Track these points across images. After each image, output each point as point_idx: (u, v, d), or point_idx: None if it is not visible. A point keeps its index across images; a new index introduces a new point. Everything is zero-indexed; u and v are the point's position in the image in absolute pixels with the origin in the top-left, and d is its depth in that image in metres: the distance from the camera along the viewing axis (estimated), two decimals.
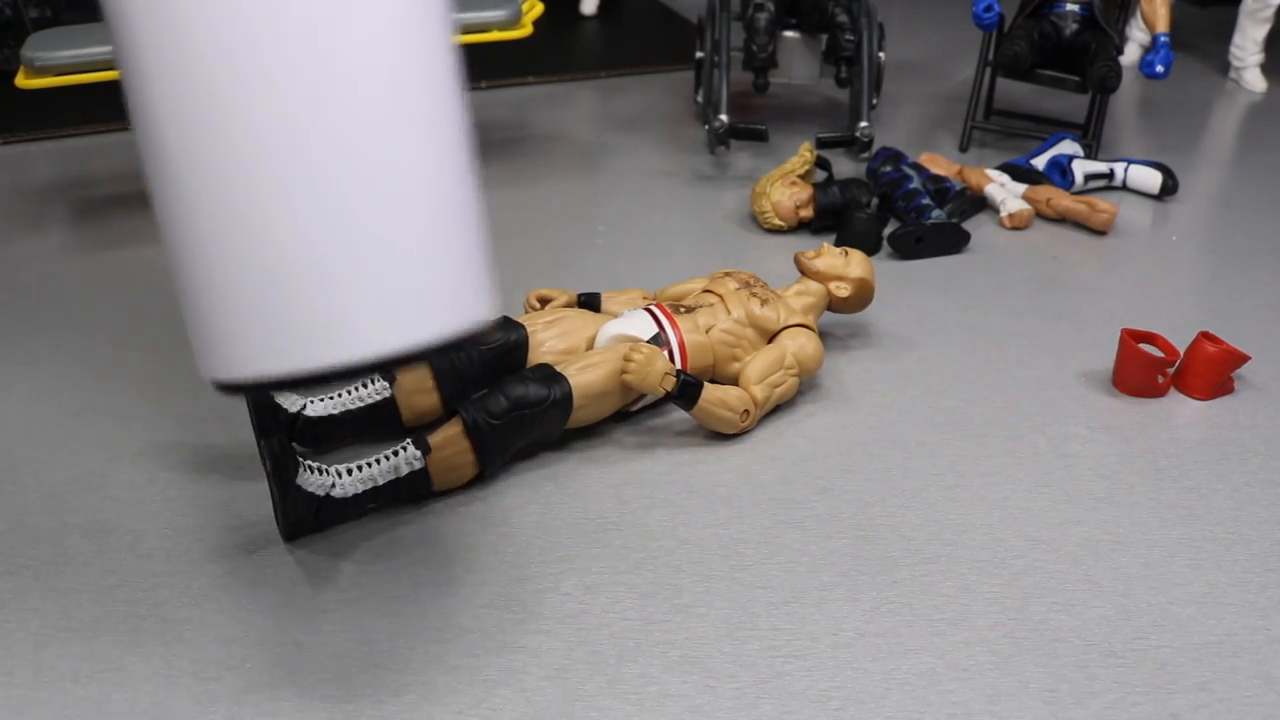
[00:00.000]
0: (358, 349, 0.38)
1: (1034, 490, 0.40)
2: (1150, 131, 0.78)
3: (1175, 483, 0.41)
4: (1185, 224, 0.63)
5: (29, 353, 0.46)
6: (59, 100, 0.54)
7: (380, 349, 0.38)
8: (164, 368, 0.46)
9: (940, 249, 0.57)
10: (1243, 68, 0.87)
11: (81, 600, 0.34)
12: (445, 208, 0.39)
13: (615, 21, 0.94)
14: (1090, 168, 0.65)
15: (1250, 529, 0.39)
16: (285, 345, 0.38)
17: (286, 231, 0.37)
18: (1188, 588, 0.36)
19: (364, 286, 0.38)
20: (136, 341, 0.46)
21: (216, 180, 0.37)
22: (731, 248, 0.58)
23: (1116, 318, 0.52)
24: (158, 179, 0.37)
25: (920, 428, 0.43)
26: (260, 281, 0.37)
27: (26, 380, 0.44)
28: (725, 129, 0.64)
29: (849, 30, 0.66)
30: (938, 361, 0.48)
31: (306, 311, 0.37)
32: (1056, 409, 0.45)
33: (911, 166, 0.62)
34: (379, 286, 0.38)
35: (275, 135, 0.35)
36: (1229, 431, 0.44)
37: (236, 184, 0.37)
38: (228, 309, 0.38)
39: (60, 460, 0.40)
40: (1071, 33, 0.68)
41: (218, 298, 0.38)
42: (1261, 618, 0.35)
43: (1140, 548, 0.37)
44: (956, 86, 0.82)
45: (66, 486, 0.38)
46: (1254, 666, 0.33)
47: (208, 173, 0.37)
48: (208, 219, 0.37)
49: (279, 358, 0.38)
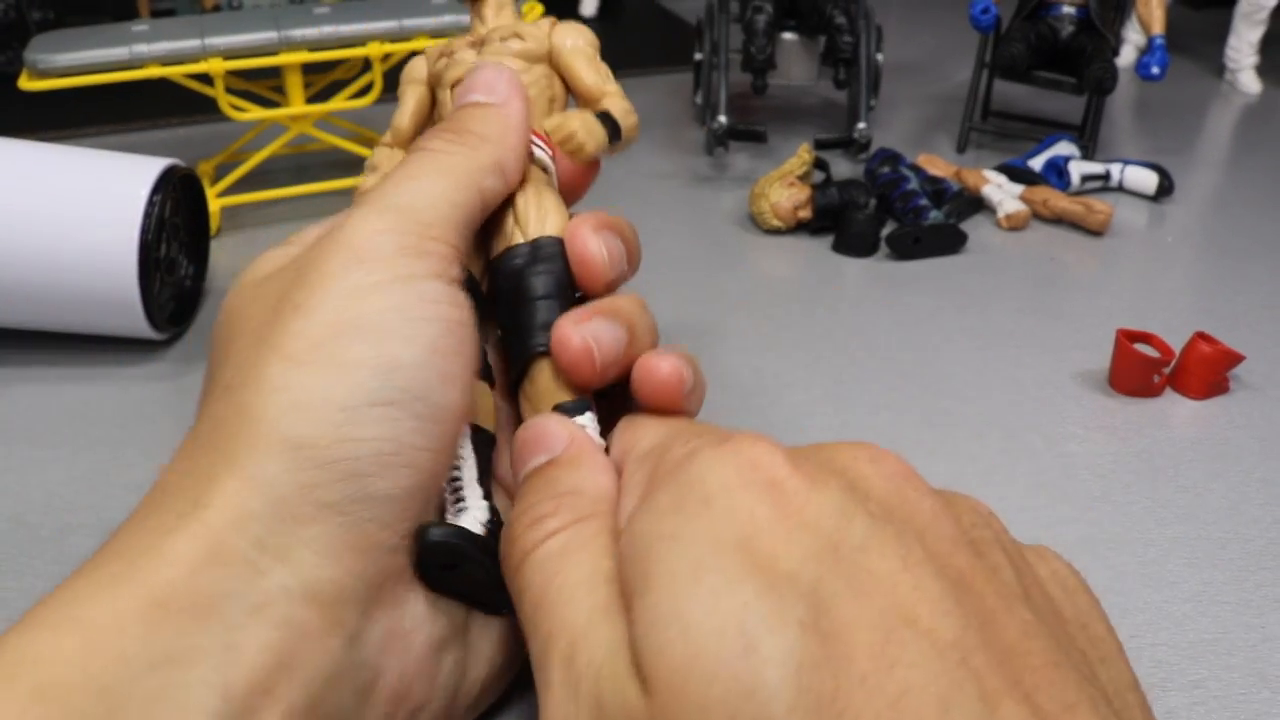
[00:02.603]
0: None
1: (1030, 489, 0.40)
2: (1146, 133, 0.78)
3: (1171, 481, 0.41)
4: (1181, 225, 0.64)
5: (28, 352, 0.46)
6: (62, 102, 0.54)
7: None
8: (164, 367, 0.46)
9: (938, 249, 0.58)
10: (1238, 70, 0.87)
11: None
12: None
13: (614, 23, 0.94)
14: (1087, 169, 0.65)
15: (1245, 527, 0.39)
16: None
17: None
18: (1183, 586, 0.36)
19: None
20: (136, 341, 0.47)
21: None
22: (730, 248, 0.59)
23: (1113, 318, 0.52)
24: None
25: (917, 427, 0.44)
26: None
27: (27, 380, 0.45)
28: (724, 130, 0.64)
29: (847, 32, 0.66)
30: (935, 361, 0.48)
31: None
32: (1053, 408, 0.45)
33: (909, 167, 0.63)
34: None
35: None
36: (1224, 431, 0.44)
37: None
38: None
39: (62, 459, 0.40)
40: (1068, 35, 0.68)
41: None
42: (1256, 616, 0.35)
43: (1136, 546, 0.38)
44: (954, 88, 0.82)
45: (68, 486, 0.38)
46: (1249, 664, 0.32)
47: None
48: None
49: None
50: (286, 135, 0.57)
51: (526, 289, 0.26)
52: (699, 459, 0.19)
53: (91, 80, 0.51)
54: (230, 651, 0.20)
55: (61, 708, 0.17)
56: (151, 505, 0.23)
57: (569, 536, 0.20)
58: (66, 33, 0.52)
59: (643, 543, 0.18)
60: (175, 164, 0.46)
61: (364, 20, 0.54)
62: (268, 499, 0.21)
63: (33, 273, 0.42)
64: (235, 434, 0.22)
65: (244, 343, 0.24)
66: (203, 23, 0.53)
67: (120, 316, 0.44)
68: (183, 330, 0.48)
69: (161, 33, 0.52)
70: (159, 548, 0.21)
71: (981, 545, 0.19)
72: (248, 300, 0.26)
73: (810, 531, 0.17)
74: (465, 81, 0.32)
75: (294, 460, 0.22)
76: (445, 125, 0.29)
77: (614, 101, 0.34)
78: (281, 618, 0.21)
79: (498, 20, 0.35)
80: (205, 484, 0.22)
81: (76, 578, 0.21)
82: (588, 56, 0.35)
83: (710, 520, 0.17)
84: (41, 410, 0.42)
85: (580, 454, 0.23)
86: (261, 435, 0.22)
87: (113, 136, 0.69)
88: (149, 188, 0.43)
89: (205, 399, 0.25)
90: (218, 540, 0.21)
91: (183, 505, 0.22)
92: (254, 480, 0.22)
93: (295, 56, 0.54)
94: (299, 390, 0.22)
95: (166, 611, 0.19)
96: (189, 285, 0.49)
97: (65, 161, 0.44)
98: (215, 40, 0.52)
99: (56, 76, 0.50)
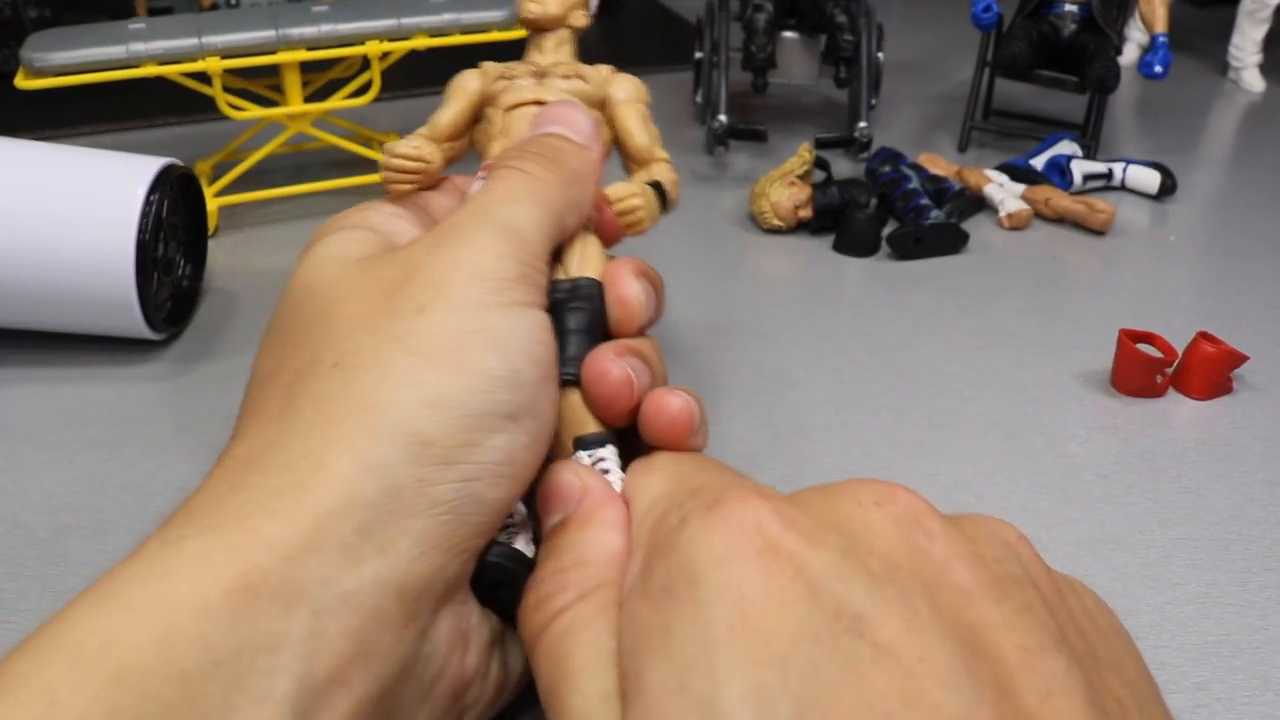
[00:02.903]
0: None
1: (1032, 490, 0.40)
2: (1149, 132, 0.78)
3: (1174, 482, 0.41)
4: (1184, 224, 0.63)
5: (25, 353, 0.46)
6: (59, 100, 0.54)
7: None
8: (162, 367, 0.46)
9: (939, 249, 0.57)
10: (1241, 68, 0.87)
11: None
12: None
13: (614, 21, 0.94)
14: (1089, 168, 0.65)
15: (1249, 529, 0.39)
16: None
17: None
18: (1186, 587, 0.36)
19: None
20: (134, 341, 0.46)
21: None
22: (730, 248, 0.58)
23: (1115, 317, 0.52)
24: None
25: (919, 427, 0.43)
26: None
27: (23, 380, 0.44)
28: (724, 129, 0.64)
29: (848, 31, 0.66)
30: (936, 361, 0.48)
31: None
32: (1055, 409, 0.45)
33: (910, 167, 0.62)
34: None
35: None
36: (1227, 431, 0.44)
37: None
38: None
39: (59, 460, 0.40)
40: (1070, 33, 0.68)
41: None
42: (1260, 618, 0.34)
43: (1139, 547, 0.37)
44: (955, 87, 0.82)
45: (65, 486, 0.38)
46: (1252, 666, 0.32)
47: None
48: None
49: None
50: (285, 134, 0.56)
51: (561, 322, 0.27)
52: (689, 529, 0.18)
53: (88, 79, 0.51)
54: (314, 639, 0.19)
55: (139, 694, 0.17)
56: (236, 474, 0.22)
57: (574, 615, 0.19)
58: (63, 31, 0.52)
59: (636, 635, 0.17)
60: (173, 163, 0.46)
61: (362, 19, 0.54)
62: (381, 487, 0.21)
63: (29, 272, 0.42)
64: (348, 416, 0.22)
65: (350, 324, 0.24)
66: (200, 21, 0.53)
67: (117, 316, 0.43)
68: (180, 330, 0.48)
69: (159, 31, 0.51)
70: (253, 529, 0.20)
71: (1007, 583, 0.17)
72: (339, 279, 0.25)
73: (805, 602, 0.16)
74: (550, 110, 0.32)
75: (416, 454, 0.22)
76: (538, 150, 0.29)
77: (664, 171, 0.35)
78: (370, 607, 0.20)
79: (556, 55, 0.36)
80: (308, 464, 0.21)
81: (159, 548, 0.20)
82: (642, 115, 0.35)
83: (701, 608, 0.16)
84: (38, 411, 0.42)
85: (592, 511, 0.22)
86: (385, 425, 0.22)
87: (109, 135, 0.69)
88: (146, 187, 0.43)
89: (295, 372, 0.24)
90: (318, 527, 0.20)
91: (278, 482, 0.21)
92: (370, 467, 0.21)
93: (293, 55, 0.54)
94: (430, 388, 0.22)
95: (256, 597, 0.19)
96: (186, 285, 0.49)
97: (62, 161, 0.44)
98: (213, 39, 0.52)
99: (53, 75, 0.50)
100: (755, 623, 0.15)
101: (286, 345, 0.25)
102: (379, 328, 0.24)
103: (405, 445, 0.21)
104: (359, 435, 0.22)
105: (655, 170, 0.34)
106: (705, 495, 0.19)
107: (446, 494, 0.22)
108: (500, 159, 0.29)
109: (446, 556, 0.22)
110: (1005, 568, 0.18)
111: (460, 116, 0.35)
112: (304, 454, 0.22)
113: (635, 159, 0.35)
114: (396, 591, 0.21)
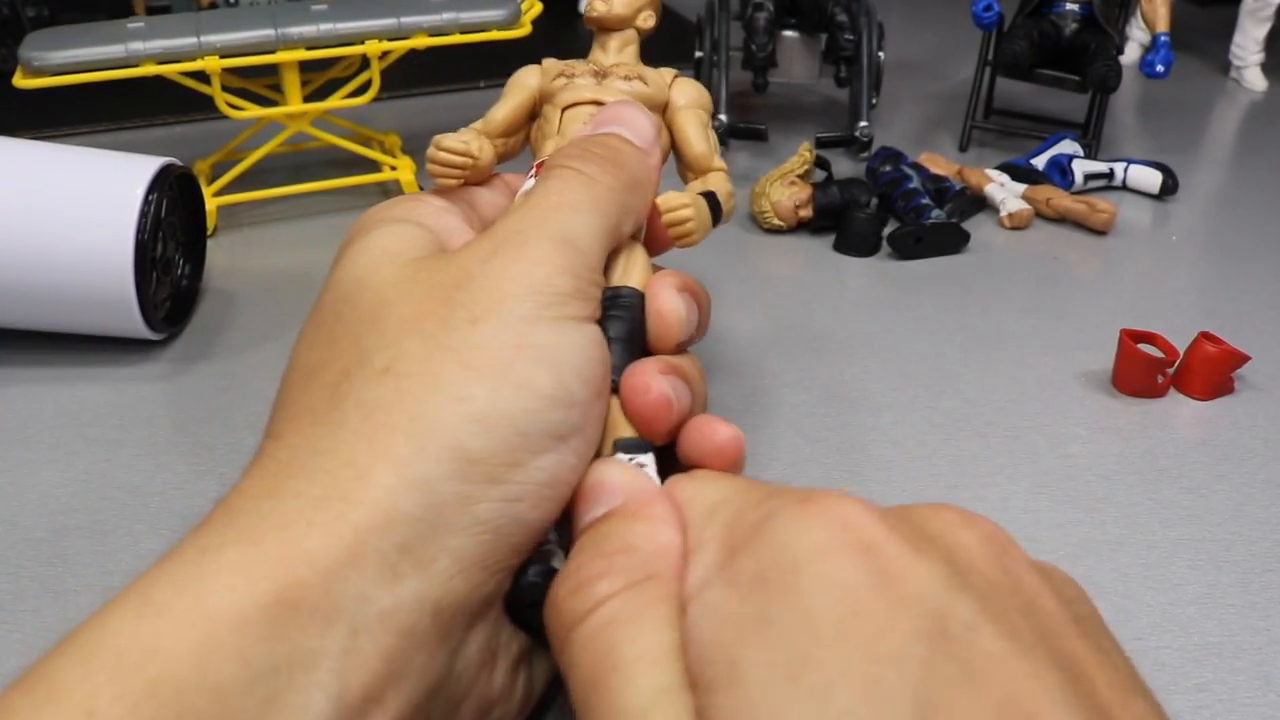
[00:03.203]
0: None
1: (1033, 490, 0.40)
2: (1150, 131, 0.77)
3: (1175, 483, 0.41)
4: (1185, 224, 0.63)
5: (23, 353, 0.46)
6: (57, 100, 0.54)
7: None
8: (160, 368, 0.46)
9: (940, 249, 0.57)
10: (1243, 67, 0.87)
11: (80, 601, 0.34)
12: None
13: None
14: (1090, 167, 0.65)
15: (1250, 529, 0.38)
16: None
17: None
18: (1188, 588, 0.36)
19: None
20: (132, 341, 0.46)
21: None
22: (730, 247, 0.58)
23: (1116, 317, 0.51)
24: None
25: (920, 427, 0.43)
26: None
27: (21, 380, 0.44)
28: (724, 129, 0.64)
29: (848, 30, 0.65)
30: (937, 361, 0.48)
31: None
32: (1056, 409, 0.45)
33: (911, 166, 0.62)
34: None
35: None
36: (1229, 432, 0.44)
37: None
38: None
39: (57, 461, 0.40)
40: (1071, 32, 0.68)
41: None
42: (1262, 618, 0.34)
43: (1140, 548, 0.37)
44: (956, 86, 0.81)
45: (63, 488, 0.38)
46: (1254, 667, 0.32)
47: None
48: None
49: None
50: (284, 134, 0.56)
51: (600, 329, 0.26)
52: (781, 520, 0.17)
53: (86, 78, 0.51)
54: (351, 657, 0.19)
55: (176, 708, 0.17)
56: (276, 478, 0.21)
57: (621, 605, 0.18)
58: (61, 30, 0.52)
59: (725, 624, 0.16)
60: (171, 163, 0.46)
61: (362, 18, 0.54)
62: (425, 503, 0.21)
63: (27, 272, 0.42)
64: (396, 427, 0.21)
65: (401, 328, 0.23)
66: (199, 20, 0.53)
67: (116, 317, 0.43)
68: (179, 330, 0.48)
69: (157, 30, 0.51)
70: (293, 539, 0.20)
71: (1088, 626, 0.17)
72: (392, 278, 0.24)
73: (915, 606, 0.15)
74: (611, 110, 0.31)
75: (462, 471, 0.21)
76: (598, 150, 0.28)
77: (720, 181, 0.34)
78: (407, 626, 0.20)
79: (620, 56, 0.35)
80: (351, 474, 0.21)
81: (197, 554, 0.19)
82: (702, 122, 0.34)
83: (803, 598, 0.16)
84: (36, 411, 0.42)
85: (641, 505, 0.21)
86: (433, 438, 0.21)
87: (108, 135, 0.69)
88: (145, 186, 0.43)
89: (341, 371, 0.23)
90: (360, 541, 0.20)
91: (319, 491, 0.21)
92: (414, 482, 0.21)
93: (292, 54, 0.53)
94: (480, 404, 0.21)
95: (295, 612, 0.19)
96: (185, 285, 0.49)
97: (60, 160, 0.44)
98: (211, 38, 0.52)
99: (51, 74, 0.50)
100: (865, 618, 0.15)
101: (333, 340, 0.24)
102: (431, 336, 0.23)
103: (451, 461, 0.21)
104: (405, 447, 0.21)
105: (711, 180, 0.33)
106: (792, 494, 0.19)
107: (488, 513, 0.21)
108: (558, 157, 0.28)
109: (484, 575, 0.21)
110: (1079, 609, 0.18)
111: (515, 112, 0.35)
112: (348, 462, 0.21)
113: (692, 167, 0.34)
114: (434, 610, 0.21)
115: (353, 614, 0.19)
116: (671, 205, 0.31)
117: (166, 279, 0.47)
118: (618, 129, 0.29)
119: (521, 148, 0.36)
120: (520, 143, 0.36)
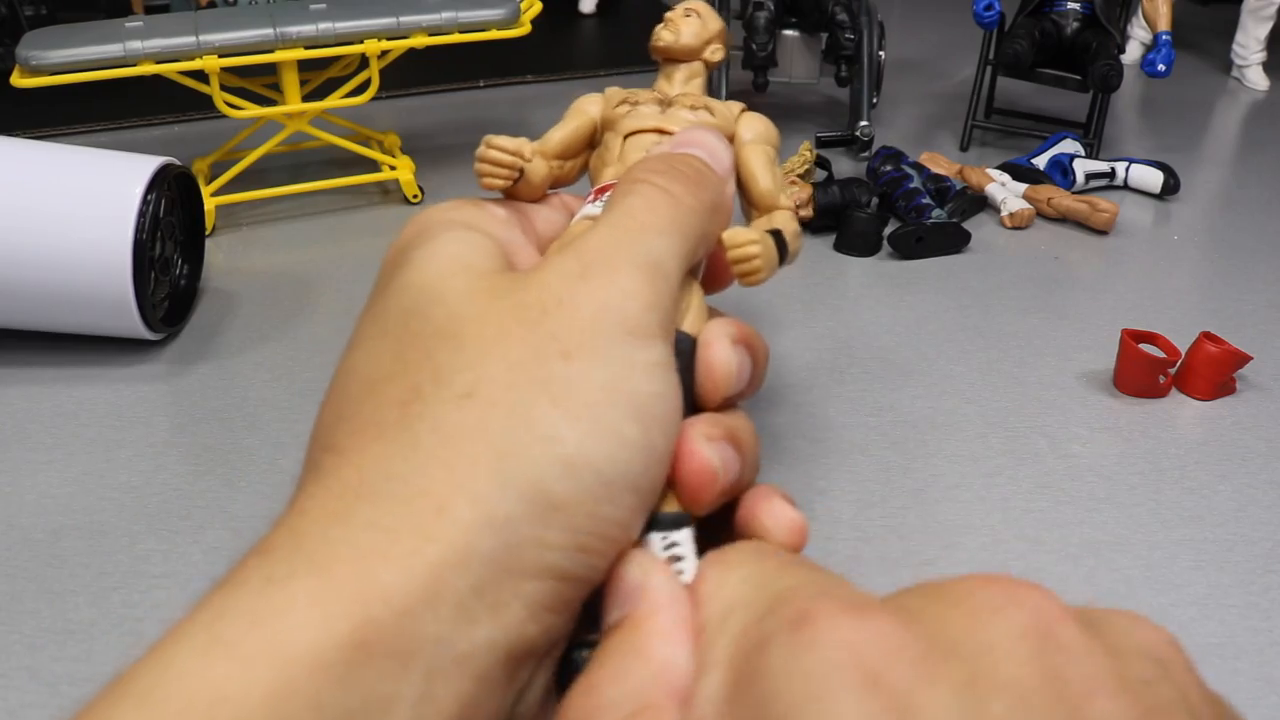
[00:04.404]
0: None
1: (1034, 491, 0.40)
2: (1152, 130, 0.77)
3: (1177, 484, 0.41)
4: (1187, 223, 0.63)
5: (21, 353, 0.46)
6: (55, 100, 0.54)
7: None
8: (159, 368, 0.46)
9: (941, 248, 0.57)
10: (1245, 66, 0.87)
11: (78, 602, 0.33)
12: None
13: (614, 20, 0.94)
14: (1091, 167, 0.65)
15: (1252, 530, 0.38)
16: None
17: None
18: (1189, 589, 0.35)
19: None
20: (130, 341, 0.46)
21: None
22: None
23: (1118, 317, 0.51)
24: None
25: (920, 428, 0.43)
26: None
27: (19, 380, 0.44)
28: None
29: (849, 29, 0.65)
30: (938, 361, 0.48)
31: None
32: (1057, 409, 0.45)
33: (912, 166, 0.62)
34: None
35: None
36: (1231, 432, 0.44)
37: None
38: None
39: (55, 461, 0.40)
40: (1073, 31, 0.68)
41: None
42: (1264, 619, 0.34)
43: (1141, 549, 0.37)
44: (957, 85, 0.81)
45: (61, 488, 0.38)
46: (1256, 669, 0.32)
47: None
48: None
49: None
50: (283, 133, 0.56)
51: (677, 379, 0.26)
52: (773, 652, 0.16)
53: (85, 77, 0.50)
54: (425, 704, 0.18)
55: None
56: (343, 501, 0.20)
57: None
58: (59, 29, 0.52)
59: None
60: (170, 162, 0.46)
61: (361, 17, 0.54)
62: (500, 543, 0.19)
63: (25, 272, 0.42)
64: (477, 459, 0.20)
65: (481, 350, 0.22)
66: (198, 19, 0.52)
67: (114, 316, 0.43)
68: (178, 330, 0.48)
69: (156, 29, 0.51)
70: (367, 573, 0.19)
71: (1159, 714, 0.14)
72: (467, 293, 0.23)
73: None
74: (690, 133, 0.30)
75: (541, 514, 0.20)
76: (683, 168, 0.27)
77: (786, 220, 0.33)
78: (481, 671, 0.19)
79: (686, 87, 0.35)
80: (428, 505, 0.19)
81: (264, 584, 0.19)
82: (769, 157, 0.33)
83: None
84: (34, 411, 0.42)
85: (645, 617, 0.20)
86: (515, 477, 0.20)
87: (106, 134, 0.69)
88: (143, 186, 0.43)
89: (412, 389, 0.21)
90: (436, 579, 0.19)
91: (392, 521, 0.19)
92: (492, 519, 0.20)
93: (291, 53, 0.53)
94: (570, 447, 0.20)
95: (371, 654, 0.18)
96: (184, 284, 0.49)
97: (58, 159, 0.44)
98: (210, 37, 0.51)
99: (49, 74, 0.50)
100: None
101: (401, 351, 0.23)
102: (519, 364, 0.22)
103: (532, 502, 0.20)
104: (487, 483, 0.20)
105: (777, 219, 0.33)
106: (788, 609, 0.17)
107: (562, 559, 0.20)
108: (639, 170, 0.27)
109: (555, 619, 0.20)
110: (1156, 693, 0.15)
111: (573, 137, 0.34)
112: (423, 492, 0.20)
113: (756, 204, 0.34)
114: (506, 654, 0.20)
115: (429, 658, 0.18)
116: (738, 241, 0.30)
117: (165, 279, 0.46)
118: (695, 151, 0.28)
119: (577, 175, 0.36)
120: (576, 169, 0.35)
